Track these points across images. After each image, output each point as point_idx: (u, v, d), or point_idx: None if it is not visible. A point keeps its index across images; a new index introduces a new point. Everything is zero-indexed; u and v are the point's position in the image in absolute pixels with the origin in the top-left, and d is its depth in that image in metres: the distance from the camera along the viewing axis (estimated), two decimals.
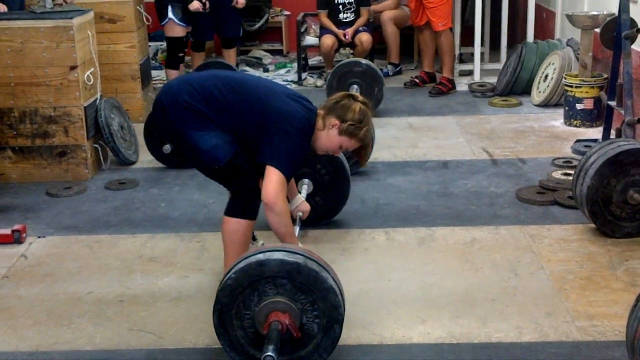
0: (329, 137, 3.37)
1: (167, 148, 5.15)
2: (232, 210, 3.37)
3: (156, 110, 3.43)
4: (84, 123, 5.12)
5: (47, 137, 5.12)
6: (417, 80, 7.51)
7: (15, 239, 4.15)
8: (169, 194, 4.87)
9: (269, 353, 2.65)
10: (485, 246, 3.97)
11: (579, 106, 5.96)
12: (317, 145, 3.41)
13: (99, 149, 5.33)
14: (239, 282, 2.82)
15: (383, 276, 3.69)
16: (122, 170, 5.37)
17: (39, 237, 4.25)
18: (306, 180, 4.10)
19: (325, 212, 4.24)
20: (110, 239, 4.22)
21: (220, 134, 3.28)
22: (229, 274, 2.85)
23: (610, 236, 4.00)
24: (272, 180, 3.20)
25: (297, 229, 3.58)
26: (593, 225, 4.07)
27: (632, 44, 4.93)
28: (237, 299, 2.84)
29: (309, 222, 3.95)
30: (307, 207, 3.80)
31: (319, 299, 2.82)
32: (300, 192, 3.92)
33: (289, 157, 3.25)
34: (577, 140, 5.55)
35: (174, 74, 6.73)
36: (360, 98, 3.41)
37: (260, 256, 2.83)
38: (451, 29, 7.28)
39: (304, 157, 3.39)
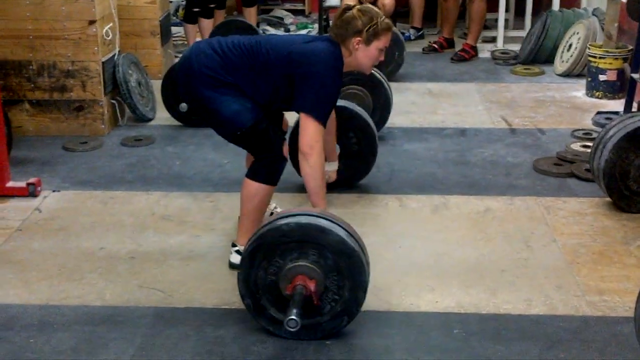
0: (363, 54, 3.35)
1: (183, 106, 5.13)
2: (255, 174, 3.37)
3: (181, 73, 3.38)
4: (101, 78, 5.11)
5: (65, 91, 5.11)
6: (435, 46, 7.42)
7: (30, 192, 4.17)
8: (184, 153, 4.87)
9: (293, 317, 2.70)
10: (498, 216, 3.95)
11: (602, 77, 5.87)
12: (360, 67, 3.42)
13: (116, 104, 5.32)
14: (292, 234, 2.81)
15: (394, 243, 3.68)
16: (138, 126, 5.36)
17: (53, 191, 4.27)
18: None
19: (343, 180, 4.22)
20: (125, 196, 4.23)
21: (243, 100, 3.28)
22: (287, 220, 2.84)
23: (626, 211, 3.96)
24: (308, 130, 3.22)
25: None
26: (609, 199, 4.02)
27: None
28: (279, 246, 2.82)
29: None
30: (334, 176, 3.84)
31: (348, 289, 2.84)
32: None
33: (321, 101, 3.26)
34: (598, 112, 5.46)
35: (191, 28, 6.72)
36: (351, 3, 3.39)
37: (325, 223, 2.83)
38: None
39: (337, 94, 3.38)
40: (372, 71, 5.01)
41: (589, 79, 5.98)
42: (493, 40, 7.62)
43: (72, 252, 3.60)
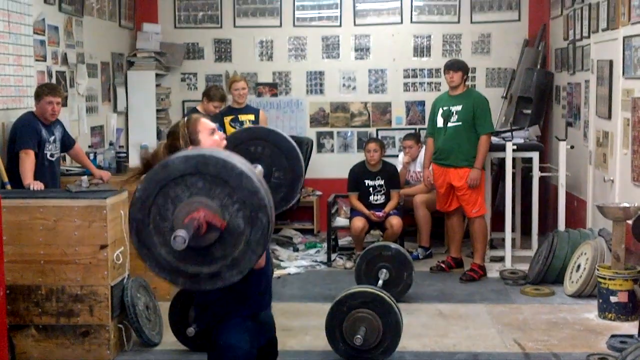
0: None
1: (190, 331, 5.03)
2: None
3: None
4: (109, 302, 5.07)
5: (72, 316, 5.06)
6: (443, 265, 7.45)
7: None
8: None
9: (179, 233, 2.46)
10: None
11: (613, 299, 5.81)
12: None
13: (123, 329, 5.25)
14: (147, 192, 2.63)
15: None
16: (144, 351, 5.26)
17: None
18: (259, 166, 3.56)
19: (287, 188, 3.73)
20: None
21: None
22: (136, 189, 2.67)
23: None
24: None
25: None
26: None
27: None
28: (151, 212, 2.63)
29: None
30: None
31: (235, 188, 2.60)
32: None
33: None
34: (613, 335, 5.36)
35: None
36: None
37: (163, 160, 2.70)
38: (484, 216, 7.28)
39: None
40: (382, 294, 5.01)
41: (600, 300, 5.92)
42: (501, 259, 7.65)
43: None
